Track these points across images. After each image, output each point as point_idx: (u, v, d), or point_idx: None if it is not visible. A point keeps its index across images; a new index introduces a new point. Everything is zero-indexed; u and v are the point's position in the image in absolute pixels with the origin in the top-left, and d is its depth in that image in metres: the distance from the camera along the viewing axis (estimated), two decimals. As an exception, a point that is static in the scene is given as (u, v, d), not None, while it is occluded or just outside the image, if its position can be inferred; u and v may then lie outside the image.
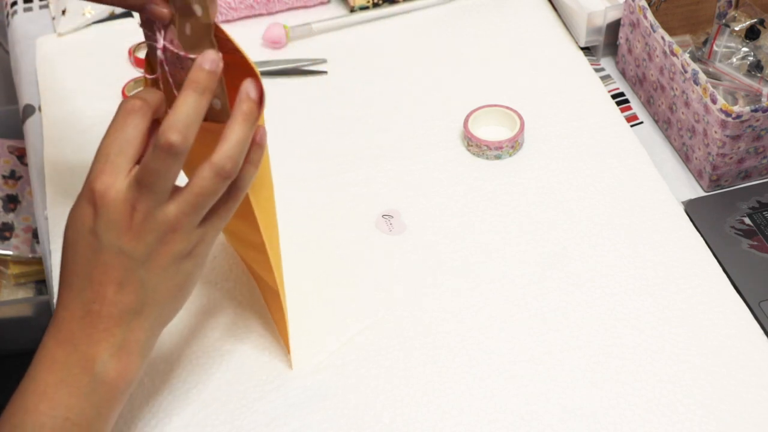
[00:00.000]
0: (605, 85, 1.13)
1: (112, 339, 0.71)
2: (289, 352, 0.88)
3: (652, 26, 1.04)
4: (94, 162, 0.71)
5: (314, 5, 1.23)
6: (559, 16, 1.20)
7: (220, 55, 0.70)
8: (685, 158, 1.05)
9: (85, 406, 0.71)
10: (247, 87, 0.71)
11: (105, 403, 0.72)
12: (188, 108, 0.68)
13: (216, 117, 0.73)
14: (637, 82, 1.12)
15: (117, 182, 0.69)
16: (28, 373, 0.72)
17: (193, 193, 0.69)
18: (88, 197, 0.70)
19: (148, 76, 0.76)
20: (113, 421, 0.74)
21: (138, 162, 0.70)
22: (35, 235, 1.63)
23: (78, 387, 0.71)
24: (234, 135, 0.70)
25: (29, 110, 1.14)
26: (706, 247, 0.96)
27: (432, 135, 1.06)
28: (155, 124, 0.71)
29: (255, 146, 0.72)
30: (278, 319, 0.89)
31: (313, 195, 1.02)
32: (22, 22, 1.24)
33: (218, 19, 1.20)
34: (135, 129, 0.70)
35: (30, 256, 1.62)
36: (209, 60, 0.69)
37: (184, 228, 0.70)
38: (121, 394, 0.73)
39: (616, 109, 1.10)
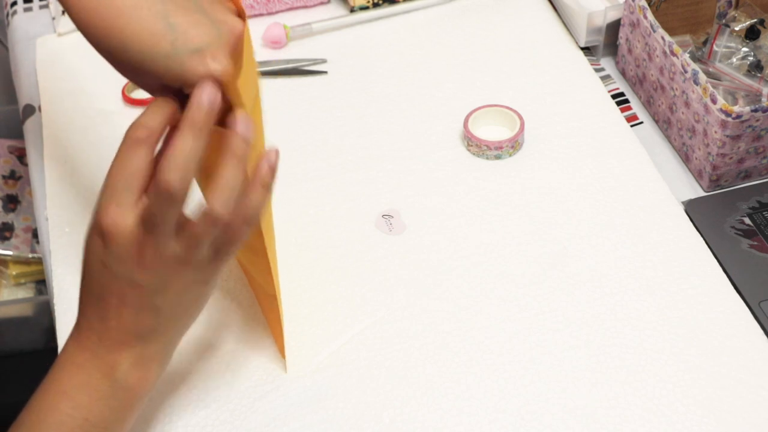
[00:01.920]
0: (605, 85, 1.13)
1: (131, 350, 0.73)
2: (284, 357, 0.88)
3: (652, 26, 1.04)
4: (102, 194, 0.71)
5: (314, 5, 1.23)
6: (559, 16, 1.20)
7: (218, 87, 0.68)
8: (685, 158, 1.05)
9: (104, 409, 0.73)
10: (238, 122, 0.70)
11: (124, 407, 0.74)
12: (186, 149, 0.67)
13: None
14: (637, 82, 1.12)
15: (124, 218, 0.69)
16: (50, 372, 0.74)
17: (196, 234, 0.70)
18: (98, 230, 0.70)
19: None
20: (131, 424, 0.76)
21: (146, 190, 0.70)
22: (35, 235, 1.63)
23: (98, 391, 0.73)
24: (226, 181, 0.69)
25: (29, 110, 1.14)
26: (706, 247, 0.96)
27: (432, 135, 1.06)
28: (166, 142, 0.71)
29: (263, 177, 0.71)
30: (274, 324, 0.89)
31: (313, 195, 1.02)
32: (22, 22, 1.24)
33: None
34: (140, 161, 0.69)
35: (30, 256, 1.62)
36: (207, 97, 0.68)
37: (194, 260, 0.71)
38: (139, 400, 0.75)
39: (616, 109, 1.10)
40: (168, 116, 0.71)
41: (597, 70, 1.15)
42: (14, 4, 1.26)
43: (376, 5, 1.21)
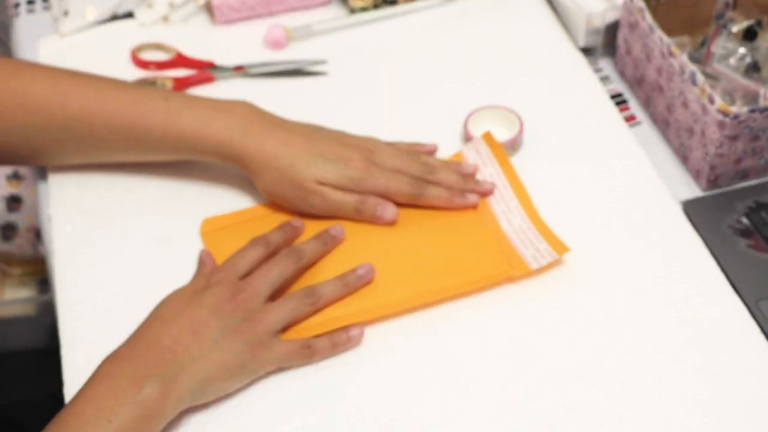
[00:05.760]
0: (604, 86, 1.14)
1: (165, 371, 0.80)
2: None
3: (650, 27, 1.05)
4: (219, 266, 0.91)
5: (315, 6, 1.23)
6: (558, 17, 1.21)
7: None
8: (684, 158, 1.05)
9: (126, 416, 0.78)
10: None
11: (145, 418, 0.79)
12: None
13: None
14: (636, 82, 1.12)
15: (232, 277, 0.88)
16: (82, 386, 0.80)
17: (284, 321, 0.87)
18: (204, 283, 0.88)
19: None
20: None
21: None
22: (38, 234, 1.63)
23: (124, 396, 0.78)
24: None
25: (32, 111, 1.14)
26: (705, 246, 0.97)
27: (432, 136, 1.07)
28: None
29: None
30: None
31: (314, 195, 1.02)
32: (24, 23, 1.25)
33: (219, 20, 1.21)
34: (256, 256, 0.91)
35: (33, 255, 1.62)
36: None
37: (264, 329, 0.85)
38: (159, 416, 0.79)
39: (614, 109, 1.10)
40: (287, 238, 0.94)
41: (596, 71, 1.16)
42: (17, 5, 1.27)
43: (376, 7, 1.22)
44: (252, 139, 0.95)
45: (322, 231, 0.95)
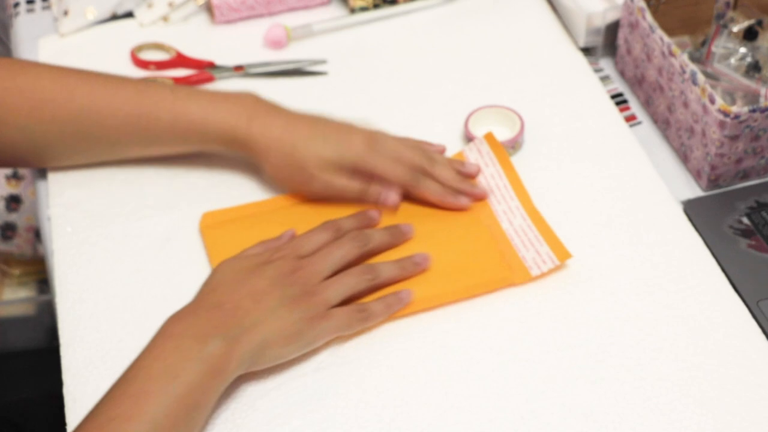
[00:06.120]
0: (604, 86, 1.14)
1: (228, 332, 0.82)
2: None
3: (650, 27, 1.05)
4: (290, 239, 0.93)
5: (315, 6, 1.23)
6: (559, 17, 1.21)
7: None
8: (684, 158, 1.05)
9: (191, 372, 0.79)
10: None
11: (210, 373, 0.80)
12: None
13: None
14: (636, 82, 1.12)
15: (292, 256, 0.90)
16: (147, 345, 0.81)
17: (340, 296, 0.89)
18: (268, 255, 0.90)
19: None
20: (214, 400, 0.82)
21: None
22: (37, 234, 1.63)
23: (189, 353, 0.80)
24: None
25: (32, 111, 1.14)
26: (705, 246, 0.97)
27: (432, 136, 1.07)
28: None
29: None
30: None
31: (314, 195, 1.02)
32: (24, 22, 1.25)
33: (219, 20, 1.21)
34: (323, 239, 0.92)
35: (32, 255, 1.63)
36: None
37: (322, 301, 0.87)
38: (223, 372, 0.81)
39: (615, 109, 1.10)
40: (359, 226, 0.95)
41: (596, 71, 1.16)
42: (17, 5, 1.27)
43: (376, 6, 1.22)
44: (257, 124, 0.96)
45: (392, 225, 0.96)
